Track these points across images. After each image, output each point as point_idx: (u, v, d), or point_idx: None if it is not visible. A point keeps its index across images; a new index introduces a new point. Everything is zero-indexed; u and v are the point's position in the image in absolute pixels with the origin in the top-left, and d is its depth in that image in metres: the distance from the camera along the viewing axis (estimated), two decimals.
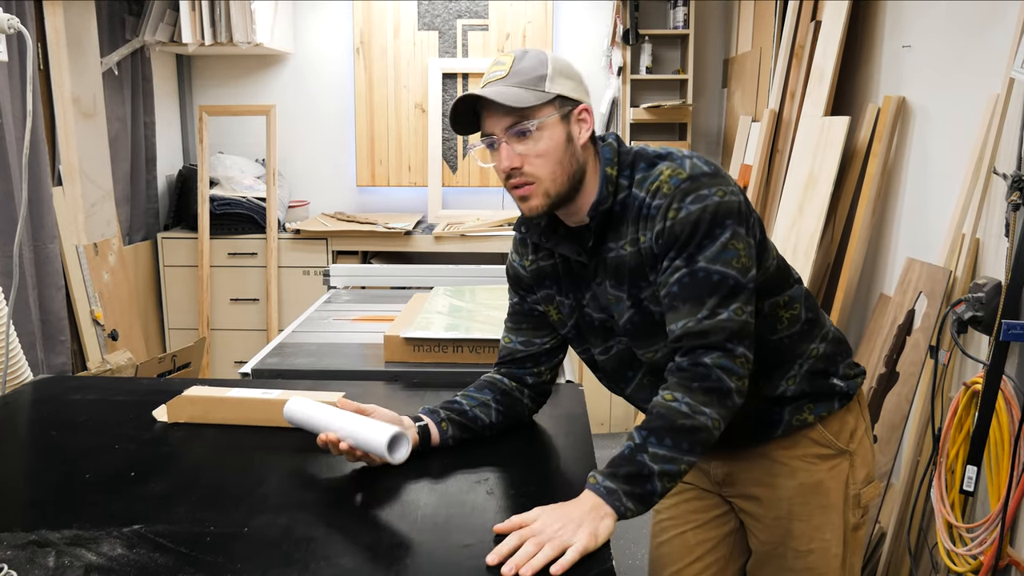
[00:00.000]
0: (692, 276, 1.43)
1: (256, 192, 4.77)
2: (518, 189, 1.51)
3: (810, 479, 1.65)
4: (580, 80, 1.54)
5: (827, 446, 1.65)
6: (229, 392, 1.86)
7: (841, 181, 3.19)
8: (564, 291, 1.64)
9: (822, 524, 1.66)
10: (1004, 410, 2.18)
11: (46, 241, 3.46)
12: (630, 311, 1.53)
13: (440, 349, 2.26)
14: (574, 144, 1.50)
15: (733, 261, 1.43)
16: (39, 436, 1.82)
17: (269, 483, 1.53)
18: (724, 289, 1.42)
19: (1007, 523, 2.11)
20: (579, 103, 1.52)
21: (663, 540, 1.84)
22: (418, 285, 3.39)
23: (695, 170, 1.46)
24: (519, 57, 1.49)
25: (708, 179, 1.45)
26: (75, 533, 1.32)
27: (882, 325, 2.81)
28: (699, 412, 1.38)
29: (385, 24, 4.93)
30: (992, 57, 2.41)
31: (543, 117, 1.47)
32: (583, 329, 1.65)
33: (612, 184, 1.51)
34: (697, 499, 1.81)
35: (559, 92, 1.48)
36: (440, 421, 1.64)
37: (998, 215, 2.36)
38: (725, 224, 1.43)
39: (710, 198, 1.43)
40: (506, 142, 1.48)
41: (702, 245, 1.43)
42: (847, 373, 1.67)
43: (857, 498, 1.68)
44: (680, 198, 1.43)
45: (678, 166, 1.47)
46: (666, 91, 4.92)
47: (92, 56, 3.93)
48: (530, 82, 1.47)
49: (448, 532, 1.36)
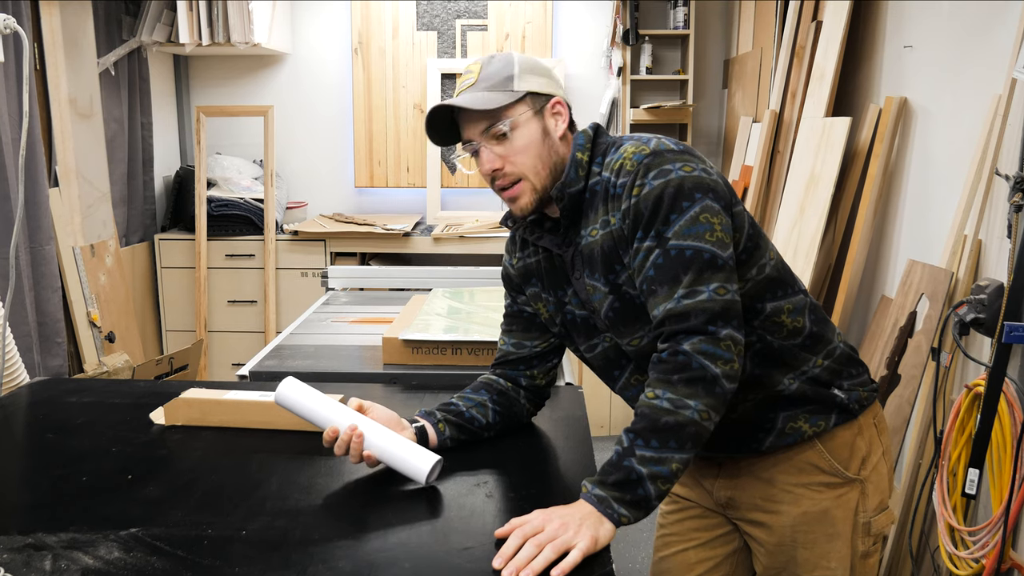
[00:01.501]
0: (665, 255, 1.38)
1: (254, 193, 4.77)
2: (505, 191, 1.52)
3: (815, 507, 1.59)
4: (550, 75, 1.54)
5: (833, 474, 1.58)
6: (227, 394, 1.85)
7: (842, 182, 3.19)
8: (547, 288, 1.63)
9: (827, 552, 1.60)
10: (1006, 412, 2.17)
11: (42, 243, 3.45)
12: (608, 298, 1.51)
13: (439, 351, 2.26)
14: (551, 137, 1.52)
15: (706, 235, 1.38)
16: (35, 439, 1.82)
17: (267, 486, 1.53)
18: (699, 263, 1.37)
19: (1009, 526, 2.10)
20: (552, 96, 1.53)
21: (664, 556, 1.82)
22: (417, 287, 3.39)
23: (660, 147, 1.44)
24: (486, 63, 1.52)
25: (673, 155, 1.43)
26: (72, 536, 1.32)
27: (883, 327, 2.80)
28: (683, 407, 1.33)
29: (383, 24, 4.92)
30: (994, 57, 2.40)
31: (516, 115, 1.49)
32: (568, 327, 1.65)
33: (583, 168, 1.50)
34: (701, 517, 1.78)
35: (529, 89, 1.50)
36: (437, 423, 1.64)
37: (1000, 216, 2.35)
38: (694, 197, 1.39)
39: (674, 172, 1.40)
40: (485, 145, 1.50)
41: (668, 220, 1.38)
42: (850, 388, 1.59)
43: (867, 526, 1.62)
44: (643, 174, 1.41)
45: (643, 143, 1.46)
46: (666, 92, 4.91)
47: (89, 56, 3.92)
48: (499, 84, 1.49)
49: (447, 535, 1.35)
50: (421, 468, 1.49)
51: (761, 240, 1.52)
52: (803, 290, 1.58)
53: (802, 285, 1.59)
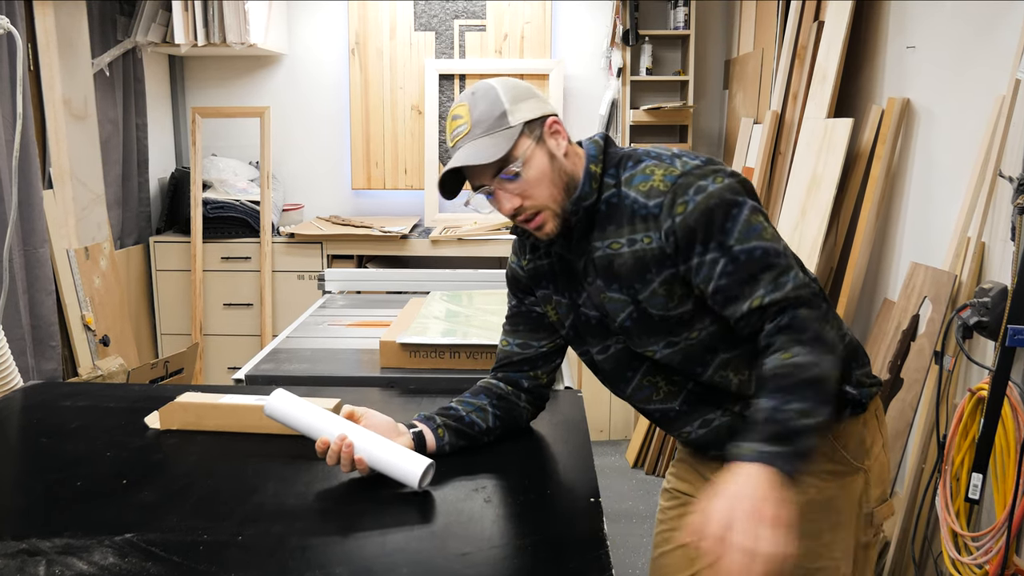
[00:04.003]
0: (734, 262, 1.41)
1: (250, 195, 4.76)
2: (529, 223, 1.54)
3: (820, 496, 1.60)
4: (535, 94, 1.55)
5: (840, 463, 1.60)
6: (222, 399, 1.85)
7: (844, 184, 3.18)
8: (560, 290, 1.64)
9: (831, 542, 1.61)
10: (1010, 417, 2.17)
11: (36, 245, 3.44)
12: (628, 309, 1.53)
13: (437, 355, 2.25)
14: (558, 159, 1.52)
15: (764, 233, 1.43)
16: (29, 443, 1.82)
17: (263, 491, 1.53)
18: (773, 259, 1.41)
19: (1013, 532, 2.10)
20: (546, 117, 1.53)
21: (665, 551, 1.82)
22: (414, 290, 3.38)
23: (686, 167, 1.47)
24: (472, 104, 1.51)
25: (701, 170, 1.46)
26: (66, 542, 1.32)
27: (886, 330, 2.80)
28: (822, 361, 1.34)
29: (381, 24, 4.91)
30: (998, 58, 2.40)
31: (522, 152, 1.49)
32: (580, 329, 1.65)
33: (596, 181, 1.52)
34: None
35: (524, 119, 1.50)
36: (436, 427, 1.64)
37: (1004, 218, 2.35)
38: (738, 202, 1.43)
39: (711, 186, 1.44)
40: (499, 188, 1.51)
41: (726, 229, 1.42)
42: (861, 381, 1.63)
43: (870, 517, 1.64)
44: (682, 193, 1.44)
45: (669, 165, 1.48)
46: (666, 93, 4.90)
47: (83, 57, 3.90)
48: (494, 124, 1.49)
49: (445, 540, 1.36)
50: (413, 472, 1.49)
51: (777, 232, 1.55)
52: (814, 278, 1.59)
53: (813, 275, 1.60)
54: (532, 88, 1.55)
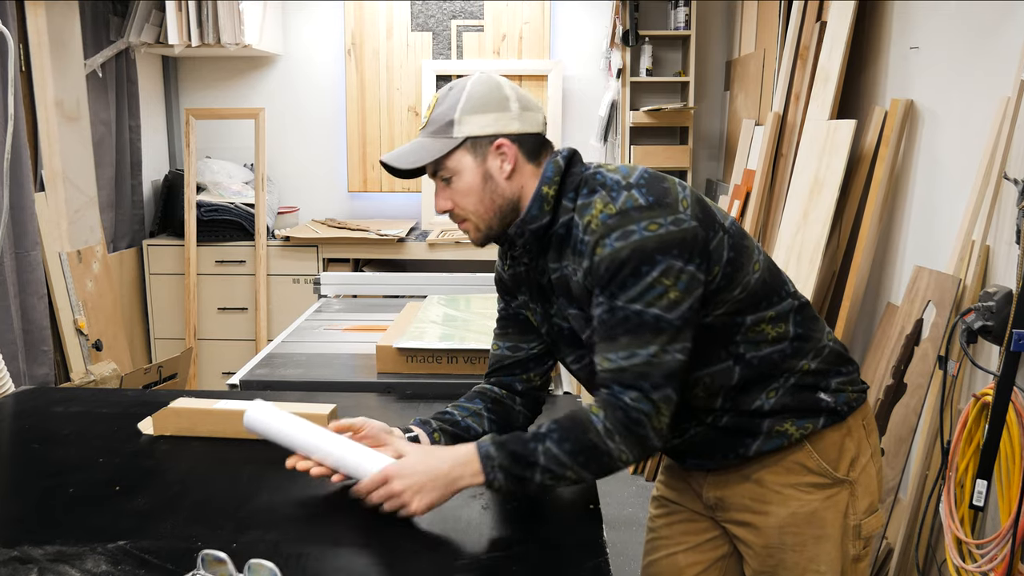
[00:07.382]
0: (611, 314, 1.43)
1: (244, 198, 4.75)
2: (459, 225, 1.59)
3: (803, 509, 1.59)
4: (501, 109, 1.52)
5: (822, 475, 1.58)
6: (216, 404, 1.85)
7: (847, 186, 3.17)
8: (535, 299, 1.65)
9: (816, 555, 1.60)
10: (1015, 422, 2.15)
11: (28, 248, 3.43)
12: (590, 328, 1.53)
13: (434, 360, 2.26)
14: (494, 180, 1.52)
15: (657, 299, 1.40)
16: (21, 449, 1.83)
17: (258, 498, 1.53)
18: (641, 328, 1.41)
19: (1018, 539, 2.09)
20: (497, 137, 1.52)
21: (653, 559, 1.84)
22: (411, 294, 3.38)
23: (627, 204, 1.43)
24: (440, 100, 1.55)
25: (640, 213, 1.41)
26: (58, 549, 1.32)
27: (889, 335, 2.78)
28: (612, 439, 1.40)
29: (377, 25, 4.90)
30: (1002, 59, 2.39)
31: (454, 163, 1.52)
32: (555, 338, 1.66)
33: (548, 203, 1.52)
34: (690, 521, 1.79)
35: (467, 134, 1.51)
36: (432, 432, 1.64)
37: (1009, 221, 2.34)
38: (654, 260, 1.39)
39: (637, 233, 1.40)
40: (438, 184, 1.57)
41: (625, 284, 1.41)
42: (838, 388, 1.60)
43: (857, 529, 1.62)
44: (606, 234, 1.42)
45: (610, 200, 1.44)
46: (667, 94, 4.89)
47: (75, 58, 3.89)
48: (440, 130, 1.52)
49: (442, 547, 1.37)
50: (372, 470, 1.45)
51: (744, 259, 1.51)
52: (791, 293, 1.60)
53: (790, 288, 1.61)
54: (507, 102, 1.52)
